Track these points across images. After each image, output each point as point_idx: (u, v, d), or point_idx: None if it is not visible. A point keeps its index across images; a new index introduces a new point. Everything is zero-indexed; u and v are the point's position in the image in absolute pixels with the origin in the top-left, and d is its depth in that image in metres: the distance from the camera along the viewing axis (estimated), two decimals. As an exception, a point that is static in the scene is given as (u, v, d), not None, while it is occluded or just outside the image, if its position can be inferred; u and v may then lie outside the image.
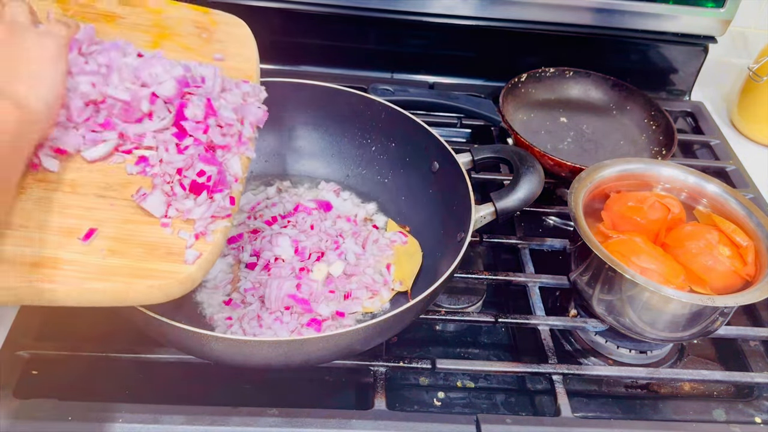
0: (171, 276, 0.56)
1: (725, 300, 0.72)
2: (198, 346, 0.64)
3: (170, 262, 0.56)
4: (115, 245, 0.56)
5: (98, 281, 0.54)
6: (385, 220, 0.92)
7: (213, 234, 0.59)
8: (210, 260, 0.58)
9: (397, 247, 0.87)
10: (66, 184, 0.59)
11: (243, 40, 0.78)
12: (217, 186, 0.61)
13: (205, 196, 0.60)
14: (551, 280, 0.88)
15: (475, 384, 0.80)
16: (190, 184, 0.60)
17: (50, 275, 0.53)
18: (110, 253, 0.56)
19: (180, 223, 0.59)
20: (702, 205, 0.86)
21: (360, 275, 0.82)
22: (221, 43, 0.76)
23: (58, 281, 0.53)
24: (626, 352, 0.84)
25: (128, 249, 0.56)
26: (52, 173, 0.59)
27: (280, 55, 1.20)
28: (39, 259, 0.54)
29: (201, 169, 0.60)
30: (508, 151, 0.86)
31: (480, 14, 1.17)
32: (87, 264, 0.54)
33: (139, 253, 0.56)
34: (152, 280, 0.55)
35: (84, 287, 0.53)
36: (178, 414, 0.67)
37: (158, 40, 0.74)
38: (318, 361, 0.70)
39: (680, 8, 1.17)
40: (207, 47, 0.75)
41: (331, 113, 0.94)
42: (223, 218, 0.61)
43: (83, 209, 0.58)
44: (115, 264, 0.55)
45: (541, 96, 1.17)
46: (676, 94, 1.32)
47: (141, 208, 0.59)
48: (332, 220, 0.89)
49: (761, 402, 0.82)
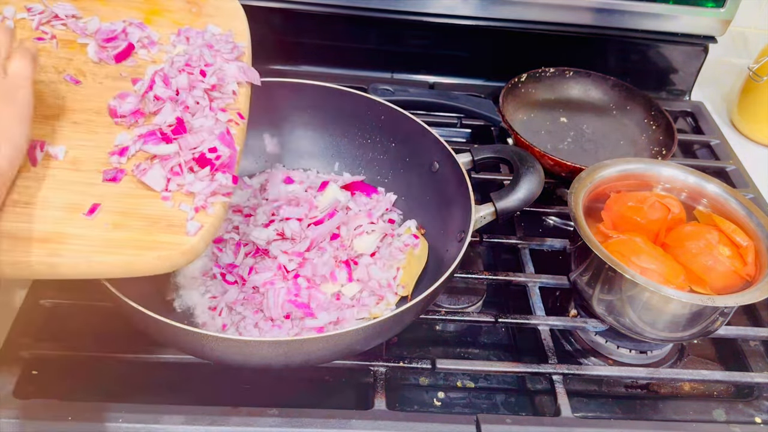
0: (174, 247, 0.57)
1: (725, 300, 0.72)
2: (198, 346, 0.64)
3: (172, 233, 0.57)
4: (118, 219, 0.57)
5: (105, 254, 0.55)
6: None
7: (213, 206, 0.60)
8: (211, 231, 0.59)
9: (409, 251, 0.86)
10: (67, 162, 0.60)
11: (233, 14, 0.79)
12: (224, 167, 0.62)
13: (207, 171, 0.61)
14: (551, 280, 0.88)
15: (475, 384, 0.80)
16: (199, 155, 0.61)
17: (57, 250, 0.54)
18: (114, 226, 0.57)
19: (181, 196, 0.60)
20: (702, 205, 0.86)
21: (369, 283, 0.82)
22: (211, 18, 0.77)
23: (66, 255, 0.54)
24: (626, 352, 0.84)
25: (131, 222, 0.58)
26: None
27: (280, 55, 1.20)
28: (45, 235, 0.55)
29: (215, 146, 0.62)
30: (508, 151, 0.86)
31: (480, 14, 1.17)
32: (92, 238, 0.56)
33: (142, 226, 0.57)
34: (157, 252, 0.56)
35: (91, 260, 0.55)
36: (178, 414, 0.67)
37: (149, 16, 0.76)
38: (318, 361, 0.70)
39: (680, 8, 1.17)
40: (197, 21, 0.76)
41: (331, 113, 0.94)
42: (223, 195, 0.62)
43: (85, 185, 0.59)
44: (120, 237, 0.56)
45: (541, 96, 1.17)
46: (676, 94, 1.32)
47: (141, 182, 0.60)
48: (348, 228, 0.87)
49: (761, 402, 0.82)
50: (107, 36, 0.71)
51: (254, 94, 0.74)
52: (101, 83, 0.68)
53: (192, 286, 0.79)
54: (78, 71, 0.69)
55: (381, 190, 0.94)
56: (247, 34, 0.78)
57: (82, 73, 0.69)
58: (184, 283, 0.79)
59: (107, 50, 0.71)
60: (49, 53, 0.69)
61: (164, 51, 0.73)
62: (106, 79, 0.69)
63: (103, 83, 0.68)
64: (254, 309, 0.76)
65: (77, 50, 0.71)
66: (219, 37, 0.75)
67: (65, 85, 0.67)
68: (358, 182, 0.93)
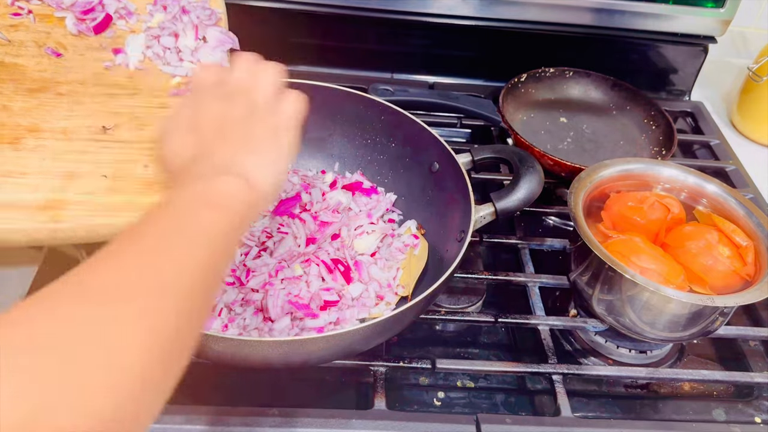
0: None
1: (725, 300, 0.73)
2: (198, 346, 0.63)
3: None
4: (114, 183, 0.58)
5: (106, 217, 0.56)
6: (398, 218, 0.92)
7: None
8: None
9: (409, 251, 0.86)
10: (58, 132, 0.61)
11: None
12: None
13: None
14: (551, 280, 0.88)
15: (475, 384, 0.80)
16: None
17: (58, 215, 0.55)
18: (111, 191, 0.58)
19: None
20: (702, 205, 0.86)
21: (369, 283, 0.82)
22: None
23: (67, 220, 0.55)
24: (626, 352, 0.84)
25: (127, 185, 0.58)
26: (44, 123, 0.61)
27: (279, 55, 1.19)
28: (45, 203, 0.55)
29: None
30: (508, 151, 0.86)
31: (480, 14, 1.17)
32: (92, 202, 0.56)
33: (138, 189, 0.58)
34: None
35: (93, 223, 0.55)
36: (178, 414, 0.67)
37: None
38: (318, 361, 0.70)
39: (680, 8, 1.17)
40: None
41: (332, 113, 0.94)
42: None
43: (78, 153, 0.60)
44: (119, 200, 0.57)
45: (541, 96, 1.17)
46: (676, 94, 1.32)
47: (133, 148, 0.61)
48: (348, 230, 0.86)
49: (761, 402, 0.82)
50: (84, 8, 0.72)
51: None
52: (83, 55, 0.70)
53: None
54: (58, 44, 0.70)
55: (381, 190, 0.94)
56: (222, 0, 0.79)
57: (63, 46, 0.70)
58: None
59: (85, 22, 0.72)
60: (27, 28, 0.71)
61: (142, 21, 0.74)
62: (87, 51, 0.70)
63: (84, 55, 0.70)
64: (254, 309, 0.76)
65: (55, 24, 0.72)
66: (195, 5, 0.75)
67: (47, 58, 0.68)
68: (358, 182, 0.93)
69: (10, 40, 0.69)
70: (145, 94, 0.67)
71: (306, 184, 0.90)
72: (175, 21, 0.74)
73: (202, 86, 0.58)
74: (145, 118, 0.65)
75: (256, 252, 0.81)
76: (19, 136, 0.60)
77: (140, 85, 0.68)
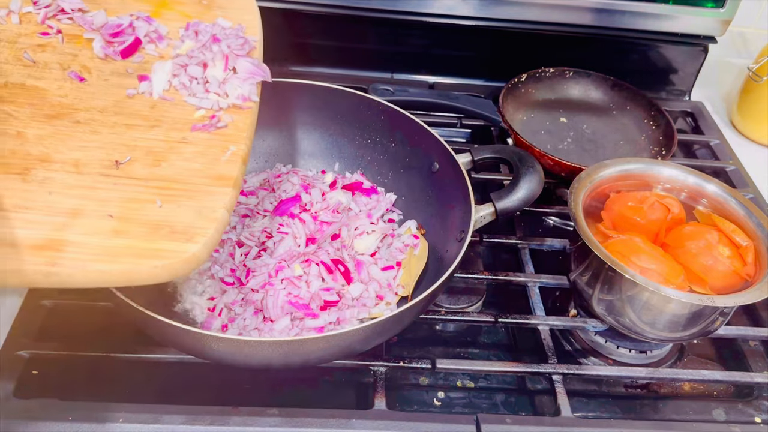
0: (176, 255, 0.54)
1: (725, 300, 0.73)
2: (198, 346, 0.64)
3: (174, 240, 0.55)
4: (118, 225, 0.55)
5: (103, 263, 0.53)
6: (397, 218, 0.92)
7: (216, 211, 0.58)
8: (215, 238, 0.57)
9: (409, 251, 0.86)
10: (69, 164, 0.59)
11: (244, 5, 0.77)
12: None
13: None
14: (551, 280, 0.88)
15: (475, 384, 0.81)
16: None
17: (54, 258, 0.52)
18: (114, 233, 0.55)
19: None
20: (702, 205, 0.86)
21: (369, 283, 0.82)
22: (222, 9, 0.75)
23: (63, 264, 0.52)
24: (626, 352, 0.84)
25: (132, 228, 0.55)
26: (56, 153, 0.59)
27: (280, 55, 1.20)
28: (43, 242, 0.53)
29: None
30: (508, 152, 0.86)
31: (480, 14, 1.17)
32: (91, 245, 0.54)
33: (143, 233, 0.55)
34: (157, 260, 0.54)
35: (89, 269, 0.53)
36: (178, 414, 0.67)
37: (158, 9, 0.74)
38: (318, 361, 0.70)
39: (680, 8, 1.17)
40: (207, 14, 0.75)
41: (332, 113, 0.94)
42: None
43: (87, 189, 0.57)
44: (120, 244, 0.54)
45: (541, 96, 1.17)
46: (676, 94, 1.32)
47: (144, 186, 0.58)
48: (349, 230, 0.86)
49: (761, 402, 0.82)
50: (113, 30, 0.69)
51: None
52: (107, 80, 0.67)
53: (190, 287, 0.79)
54: (83, 68, 0.67)
55: (381, 190, 0.94)
56: (259, 28, 0.76)
57: (87, 70, 0.67)
58: (182, 284, 0.79)
59: (113, 45, 0.69)
60: (54, 49, 0.68)
61: (172, 46, 0.71)
62: (112, 76, 0.67)
63: (108, 80, 0.67)
64: (254, 309, 0.76)
65: (83, 45, 0.69)
66: (229, 32, 0.72)
67: (69, 82, 0.65)
68: (358, 182, 0.93)
69: (35, 61, 0.66)
70: (166, 128, 0.64)
71: (306, 184, 0.90)
72: (205, 50, 0.70)
73: None
74: (162, 153, 0.62)
75: (256, 252, 0.81)
76: (30, 166, 0.57)
77: (162, 117, 0.65)
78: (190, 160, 0.62)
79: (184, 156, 0.62)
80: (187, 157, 0.62)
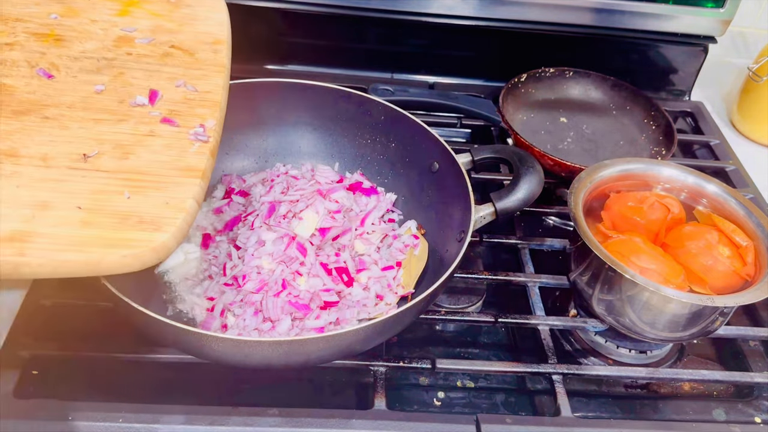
0: (144, 245, 0.55)
1: (725, 300, 0.73)
2: (198, 346, 0.64)
3: (143, 230, 0.56)
4: (87, 216, 0.56)
5: (72, 252, 0.54)
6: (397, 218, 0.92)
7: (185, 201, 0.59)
8: (183, 228, 0.58)
9: (409, 251, 0.86)
10: (37, 158, 0.59)
11: (212, 3, 0.77)
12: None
13: None
14: (551, 280, 0.88)
15: (475, 384, 0.81)
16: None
17: (23, 248, 0.53)
18: (83, 224, 0.55)
19: None
20: (702, 205, 0.86)
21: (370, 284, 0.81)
22: (190, 8, 0.76)
23: (32, 254, 0.53)
24: (626, 352, 0.84)
25: (101, 219, 0.56)
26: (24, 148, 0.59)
27: (280, 55, 1.20)
28: (11, 234, 0.53)
29: None
30: (508, 151, 0.86)
31: (480, 14, 1.17)
32: (60, 236, 0.54)
33: (112, 223, 0.56)
34: (126, 250, 0.54)
35: (58, 259, 0.53)
36: (178, 414, 0.67)
37: (126, 7, 0.74)
38: (318, 361, 0.70)
39: (680, 8, 1.17)
40: (176, 12, 0.75)
41: (331, 113, 0.94)
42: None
43: (55, 182, 0.58)
44: (89, 235, 0.55)
45: (541, 96, 1.17)
46: (676, 94, 1.32)
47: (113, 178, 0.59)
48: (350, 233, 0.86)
49: (761, 402, 0.82)
50: None
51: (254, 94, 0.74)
52: (75, 77, 0.67)
53: (189, 287, 0.79)
54: (51, 65, 0.68)
55: (381, 190, 0.94)
56: (227, 26, 0.76)
57: (56, 67, 0.68)
58: (182, 285, 0.79)
59: None
60: (22, 47, 0.68)
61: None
62: (80, 73, 0.68)
63: (77, 77, 0.67)
64: (253, 310, 0.76)
65: (51, 43, 0.70)
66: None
67: (38, 79, 0.66)
68: (358, 182, 0.93)
69: (3, 59, 0.66)
70: (134, 122, 0.65)
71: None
72: None
73: None
74: (130, 146, 0.62)
75: (252, 252, 0.81)
76: None
77: (130, 111, 0.66)
78: (158, 152, 0.62)
79: (152, 149, 0.62)
80: (156, 149, 0.62)
